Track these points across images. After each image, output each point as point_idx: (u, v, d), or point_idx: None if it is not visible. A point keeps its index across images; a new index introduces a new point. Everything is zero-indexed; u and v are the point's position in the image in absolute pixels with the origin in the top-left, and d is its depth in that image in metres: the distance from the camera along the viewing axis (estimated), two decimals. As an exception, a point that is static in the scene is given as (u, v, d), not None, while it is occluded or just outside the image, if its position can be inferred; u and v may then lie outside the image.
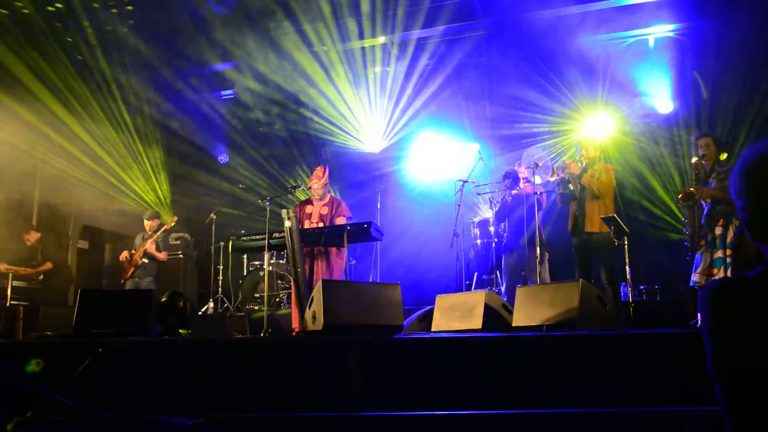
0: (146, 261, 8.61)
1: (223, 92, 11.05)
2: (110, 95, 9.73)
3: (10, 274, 8.56)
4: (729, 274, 5.30)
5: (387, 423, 3.16)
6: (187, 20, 9.06)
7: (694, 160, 5.79)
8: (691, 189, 5.57)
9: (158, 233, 8.64)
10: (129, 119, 10.21)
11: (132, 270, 8.62)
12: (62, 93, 9.37)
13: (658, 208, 8.63)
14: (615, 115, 9.07)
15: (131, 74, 9.64)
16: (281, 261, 8.79)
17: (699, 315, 5.53)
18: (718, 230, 5.47)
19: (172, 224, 8.92)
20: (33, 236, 9.06)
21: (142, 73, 9.70)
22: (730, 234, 5.40)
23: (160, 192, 10.83)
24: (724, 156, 5.66)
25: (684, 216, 5.75)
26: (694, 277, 5.56)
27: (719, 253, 5.41)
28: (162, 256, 8.66)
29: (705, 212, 5.64)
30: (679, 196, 5.66)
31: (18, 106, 8.85)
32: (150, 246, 8.50)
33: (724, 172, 5.60)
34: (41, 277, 8.88)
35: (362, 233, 5.99)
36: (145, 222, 8.87)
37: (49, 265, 8.91)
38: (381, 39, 9.49)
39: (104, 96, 9.68)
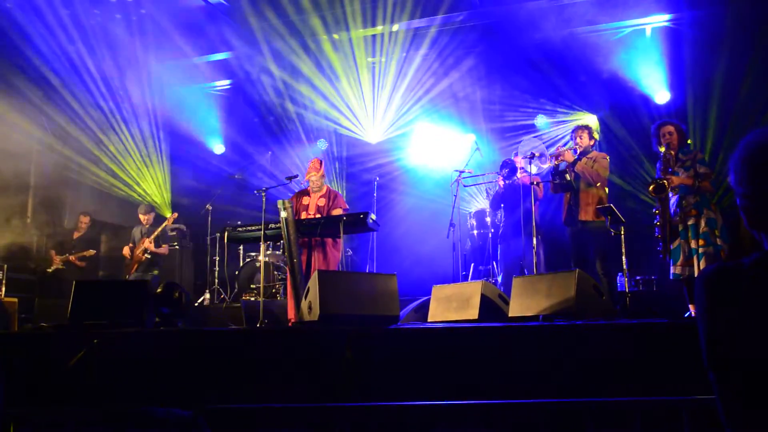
0: (148, 256, 8.61)
1: (220, 82, 10.99)
2: (106, 84, 9.69)
3: (6, 266, 8.56)
4: (702, 264, 5.30)
5: (383, 413, 3.16)
6: (182, 11, 8.98)
7: (660, 148, 5.72)
8: (663, 181, 5.50)
9: (158, 230, 8.65)
10: (125, 109, 10.17)
11: (135, 266, 8.63)
12: (58, 83, 9.33)
13: (652, 199, 8.63)
14: (610, 104, 9.06)
15: (126, 64, 9.58)
16: (277, 252, 8.78)
17: (690, 306, 5.54)
18: (690, 221, 5.46)
19: (171, 221, 8.94)
20: (85, 220, 9.30)
21: (136, 63, 9.64)
22: (702, 224, 5.39)
23: (159, 181, 10.80)
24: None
25: (655, 207, 5.69)
26: (675, 270, 5.53)
27: (693, 244, 5.40)
28: (163, 250, 8.74)
29: (674, 202, 5.61)
30: (651, 187, 5.53)
31: (13, 96, 8.81)
32: (149, 245, 8.49)
33: (690, 160, 5.57)
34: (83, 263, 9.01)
35: (358, 224, 5.98)
36: (141, 216, 8.86)
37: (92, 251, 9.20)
38: (377, 29, 9.43)
39: (99, 86, 9.64)
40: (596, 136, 6.49)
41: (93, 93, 9.73)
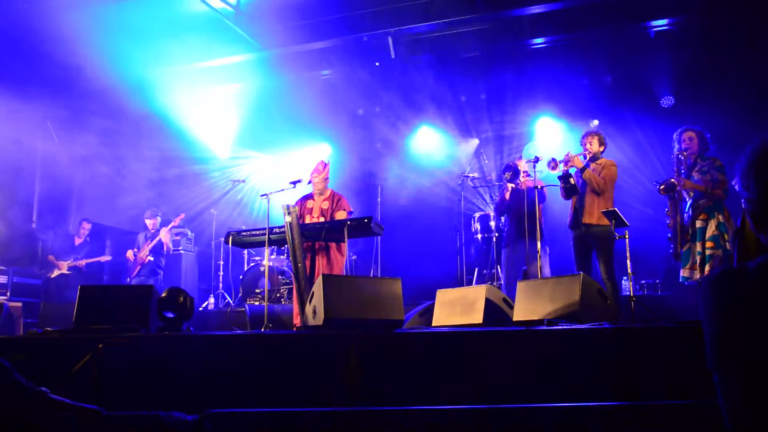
0: (152, 259, 8.66)
1: (229, 85, 10.98)
2: (112, 87, 9.70)
3: (11, 270, 8.61)
4: (708, 267, 5.34)
5: (387, 418, 3.15)
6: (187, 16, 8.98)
7: (675, 152, 5.87)
8: (672, 180, 5.63)
9: (168, 227, 8.83)
10: (131, 112, 10.18)
11: (138, 269, 8.67)
12: (62, 86, 9.37)
13: (656, 203, 8.62)
14: (614, 109, 9.06)
15: (136, 67, 9.59)
16: (282, 256, 8.79)
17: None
18: (699, 223, 5.55)
19: (179, 221, 9.03)
20: (87, 226, 9.58)
21: (149, 66, 9.64)
22: (711, 228, 5.45)
23: (162, 186, 10.83)
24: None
25: (667, 207, 5.82)
26: (683, 273, 5.59)
27: (698, 247, 5.47)
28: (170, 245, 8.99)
29: (688, 205, 5.68)
30: (661, 186, 5.75)
31: (18, 100, 8.84)
32: (166, 236, 8.67)
33: (707, 166, 5.65)
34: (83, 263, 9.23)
35: (363, 228, 5.98)
36: (147, 221, 8.92)
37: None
38: (380, 33, 9.42)
39: (106, 89, 9.65)
40: (605, 142, 6.51)
41: (99, 98, 9.75)
